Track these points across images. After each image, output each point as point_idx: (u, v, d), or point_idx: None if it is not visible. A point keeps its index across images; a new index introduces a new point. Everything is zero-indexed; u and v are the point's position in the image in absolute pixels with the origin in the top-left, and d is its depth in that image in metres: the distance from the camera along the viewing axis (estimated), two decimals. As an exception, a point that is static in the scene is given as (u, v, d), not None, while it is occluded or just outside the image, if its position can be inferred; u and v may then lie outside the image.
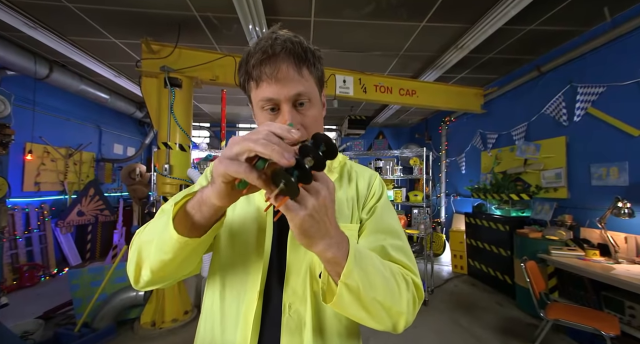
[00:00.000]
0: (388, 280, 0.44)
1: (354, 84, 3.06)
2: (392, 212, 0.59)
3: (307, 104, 0.49)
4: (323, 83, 0.54)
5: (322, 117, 0.54)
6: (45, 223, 3.52)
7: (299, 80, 0.47)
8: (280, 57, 0.46)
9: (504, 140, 3.45)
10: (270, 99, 0.47)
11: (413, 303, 0.47)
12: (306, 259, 0.51)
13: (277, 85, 0.46)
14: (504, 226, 2.93)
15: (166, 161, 2.34)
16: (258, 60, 0.46)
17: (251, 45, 0.49)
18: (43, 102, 3.41)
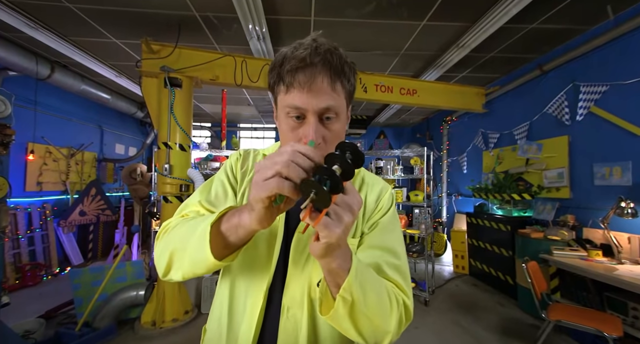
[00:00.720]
0: (381, 299, 0.44)
1: (354, 84, 3.05)
2: (396, 230, 0.58)
3: (334, 118, 0.49)
4: (352, 97, 0.54)
5: (344, 131, 0.53)
6: (48, 223, 3.54)
7: (330, 94, 0.47)
8: (318, 68, 0.46)
9: (505, 139, 3.43)
10: (297, 108, 0.46)
11: (399, 323, 0.47)
12: (307, 267, 0.52)
13: (308, 95, 0.46)
14: (506, 226, 2.91)
15: (166, 161, 2.34)
16: (294, 66, 0.45)
17: (287, 49, 0.48)
18: (45, 103, 3.43)
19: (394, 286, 0.50)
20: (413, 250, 3.03)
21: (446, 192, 4.66)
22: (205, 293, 2.54)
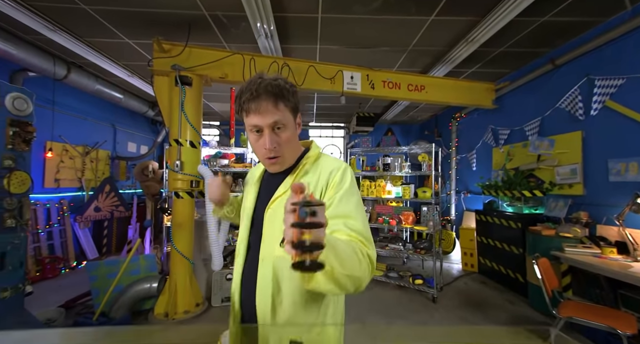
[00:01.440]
0: (352, 257, 0.55)
1: (361, 80, 3.05)
2: (351, 199, 0.69)
3: (282, 128, 0.70)
4: (297, 110, 0.74)
5: (295, 136, 0.75)
6: (65, 218, 3.68)
7: (275, 112, 0.68)
8: (262, 97, 0.66)
9: (516, 136, 3.37)
10: (256, 125, 0.69)
11: (369, 270, 0.58)
12: (274, 227, 0.71)
13: (260, 116, 0.67)
14: (516, 224, 2.87)
15: (177, 158, 2.40)
16: (247, 98, 0.67)
17: (243, 85, 0.70)
18: (62, 102, 3.55)
19: (356, 241, 0.61)
20: (421, 246, 3.02)
21: (455, 190, 4.61)
22: (215, 286, 2.60)
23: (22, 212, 1.71)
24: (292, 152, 0.75)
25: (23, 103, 1.66)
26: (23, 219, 1.70)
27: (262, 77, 0.68)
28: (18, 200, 1.68)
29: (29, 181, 1.74)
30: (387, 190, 3.21)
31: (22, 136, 1.68)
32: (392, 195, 3.19)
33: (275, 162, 0.73)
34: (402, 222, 3.03)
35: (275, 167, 0.75)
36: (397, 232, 3.78)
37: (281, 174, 0.77)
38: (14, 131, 1.63)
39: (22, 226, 1.69)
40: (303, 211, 0.38)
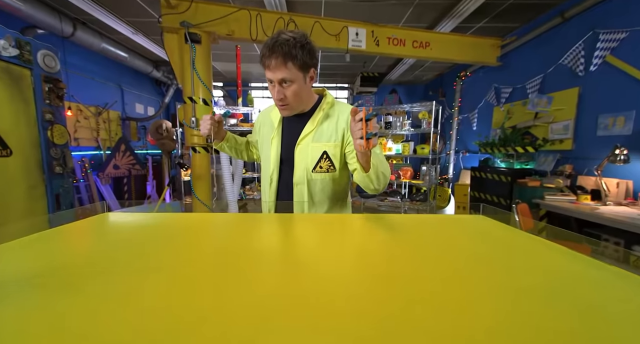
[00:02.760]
0: (383, 162, 0.84)
1: (366, 37, 3.03)
2: None
3: (289, 83, 0.84)
4: (309, 65, 0.85)
5: (303, 89, 0.88)
6: (88, 175, 3.97)
7: (283, 70, 0.81)
8: (274, 56, 0.79)
9: (517, 94, 3.43)
10: (269, 79, 0.85)
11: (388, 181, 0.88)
12: (306, 159, 0.92)
13: (271, 71, 0.82)
14: (507, 178, 3.10)
15: (192, 115, 2.56)
16: (263, 54, 0.82)
17: (267, 40, 0.82)
18: (71, 62, 3.59)
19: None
20: (417, 199, 3.31)
21: (454, 150, 4.78)
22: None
23: (66, 161, 1.95)
24: (300, 102, 0.90)
25: (52, 60, 1.78)
26: (68, 167, 1.95)
27: (279, 36, 0.80)
28: (61, 150, 1.90)
29: (67, 133, 1.95)
30: (388, 147, 3.39)
31: (56, 92, 1.84)
32: (392, 152, 3.39)
33: (285, 109, 0.90)
34: (400, 177, 3.28)
35: (285, 112, 0.92)
36: (396, 187, 4.07)
37: (302, 118, 0.95)
38: (49, 87, 1.78)
39: (68, 173, 1.95)
40: (367, 116, 0.64)
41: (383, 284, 0.35)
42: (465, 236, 0.56)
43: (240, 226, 0.67)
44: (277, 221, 0.75)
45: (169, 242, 0.52)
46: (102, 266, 0.40)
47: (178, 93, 5.59)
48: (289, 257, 0.45)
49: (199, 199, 2.71)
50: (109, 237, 0.56)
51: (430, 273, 0.39)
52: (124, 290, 0.33)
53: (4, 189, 1.55)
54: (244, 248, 0.48)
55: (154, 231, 0.59)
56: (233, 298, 0.32)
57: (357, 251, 0.47)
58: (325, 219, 0.73)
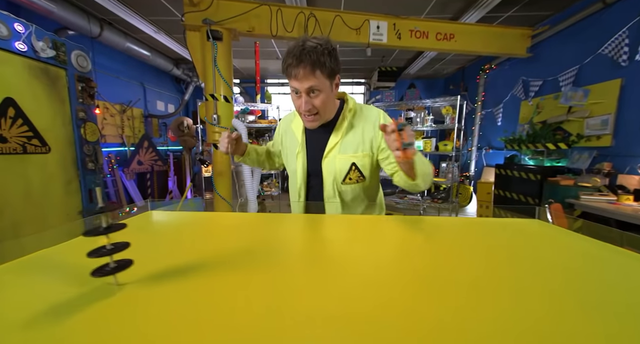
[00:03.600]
0: (424, 163, 0.80)
1: (388, 30, 2.95)
2: None
3: (317, 92, 0.79)
4: (335, 72, 0.81)
5: (330, 97, 0.83)
6: (114, 170, 4.14)
7: (311, 78, 0.76)
8: (302, 64, 0.74)
9: (548, 87, 3.23)
10: (295, 88, 0.80)
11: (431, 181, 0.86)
12: (334, 172, 0.89)
13: (298, 81, 0.77)
14: (535, 176, 2.95)
15: (214, 112, 2.59)
16: (288, 63, 0.76)
17: (289, 47, 0.77)
18: (98, 62, 3.72)
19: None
20: (438, 197, 3.22)
21: (476, 146, 4.61)
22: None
23: (97, 157, 2.03)
24: (327, 111, 0.85)
25: (84, 60, 1.84)
26: (99, 163, 2.02)
27: (305, 43, 0.75)
28: (93, 147, 1.97)
29: (98, 131, 2.02)
30: (409, 144, 3.31)
31: (88, 91, 1.90)
32: (413, 149, 3.30)
33: (313, 120, 0.85)
34: (421, 174, 3.19)
35: (313, 123, 0.86)
36: (416, 185, 3.98)
37: (326, 129, 0.90)
38: (82, 86, 1.84)
39: (99, 169, 2.02)
40: (399, 126, 0.61)
41: (453, 295, 0.32)
42: (527, 242, 0.51)
43: (289, 226, 0.66)
44: (330, 222, 0.72)
45: (243, 241, 0.52)
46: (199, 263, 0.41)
47: (197, 90, 5.70)
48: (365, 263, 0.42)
49: (220, 195, 2.75)
50: (179, 235, 0.57)
51: (510, 286, 0.35)
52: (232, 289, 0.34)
53: (45, 184, 1.63)
54: (312, 251, 0.46)
55: (214, 230, 0.59)
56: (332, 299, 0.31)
57: (419, 257, 0.44)
58: (374, 221, 0.70)
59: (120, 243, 0.34)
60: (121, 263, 0.34)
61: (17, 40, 1.50)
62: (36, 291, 0.33)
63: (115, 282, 0.33)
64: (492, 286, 0.34)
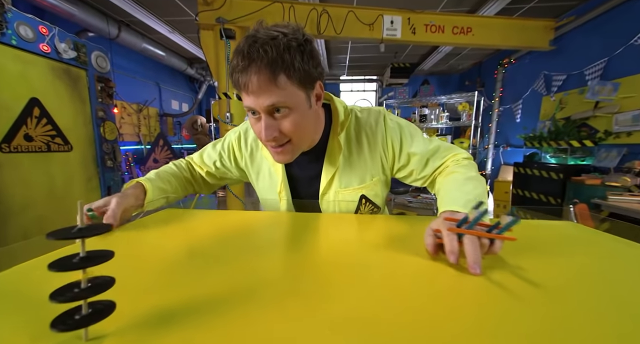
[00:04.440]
0: (468, 182, 0.52)
1: (402, 25, 2.88)
2: (418, 139, 0.64)
3: (285, 110, 0.49)
4: (313, 78, 0.51)
5: (308, 116, 0.54)
6: (132, 168, 4.26)
7: (272, 90, 0.47)
8: (252, 68, 0.45)
9: (573, 81, 3.07)
10: (249, 107, 0.50)
11: (470, 163, 0.61)
12: (339, 210, 0.68)
13: (252, 96, 0.48)
14: (558, 174, 2.82)
15: (227, 110, 2.61)
16: (234, 69, 0.47)
17: (236, 46, 0.49)
18: (115, 62, 3.83)
19: (451, 160, 0.62)
20: (453, 196, 3.13)
21: (493, 144, 4.46)
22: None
23: (115, 155, 2.08)
24: (306, 135, 0.57)
25: (103, 61, 1.89)
26: (117, 161, 2.08)
27: (257, 34, 0.46)
28: (111, 145, 2.03)
29: (116, 129, 2.07)
30: (423, 142, 3.23)
31: (106, 91, 1.96)
32: (427, 146, 3.23)
33: (283, 152, 0.55)
34: (436, 173, 3.11)
35: (283, 157, 0.56)
36: (430, 184, 3.89)
37: (311, 157, 0.64)
38: (101, 86, 1.90)
39: (117, 167, 2.08)
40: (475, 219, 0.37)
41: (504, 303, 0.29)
42: (570, 247, 0.47)
43: (305, 225, 0.58)
44: (353, 222, 0.60)
45: (260, 245, 0.47)
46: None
47: (210, 89, 5.78)
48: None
49: (232, 193, 2.78)
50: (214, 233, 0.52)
51: (576, 297, 0.30)
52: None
53: (67, 181, 1.69)
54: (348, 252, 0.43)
55: (229, 229, 0.53)
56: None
57: (443, 262, 0.41)
58: (399, 220, 0.59)
59: (101, 279, 0.23)
60: (98, 307, 0.23)
61: (41, 42, 1.55)
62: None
63: (85, 337, 0.22)
64: (548, 295, 0.30)
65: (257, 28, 0.48)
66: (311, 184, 0.67)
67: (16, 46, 1.43)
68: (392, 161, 0.66)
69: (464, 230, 0.37)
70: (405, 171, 0.66)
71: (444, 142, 0.66)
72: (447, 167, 0.62)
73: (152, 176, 0.67)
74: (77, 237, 0.21)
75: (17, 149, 1.45)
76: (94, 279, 0.23)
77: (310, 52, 0.49)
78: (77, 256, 0.22)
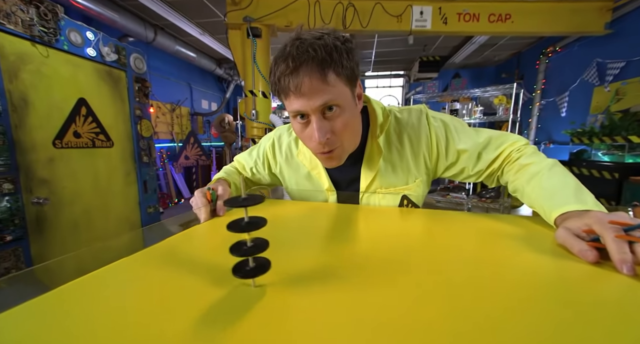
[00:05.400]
0: (558, 173, 0.49)
1: (432, 15, 2.73)
2: (465, 133, 0.62)
3: (337, 109, 0.50)
4: (356, 76, 0.52)
5: (355, 116, 0.55)
6: (165, 164, 4.53)
7: (324, 89, 0.47)
8: (303, 69, 0.46)
9: (632, 69, 2.72)
10: (298, 111, 0.50)
11: (529, 148, 0.58)
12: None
13: (303, 98, 0.47)
14: (612, 174, 2.52)
15: (253, 107, 2.66)
16: (282, 73, 0.47)
17: (278, 52, 0.49)
18: (151, 64, 4.08)
19: (510, 150, 0.58)
20: (487, 196, 2.94)
21: (534, 140, 4.10)
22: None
23: (151, 152, 2.21)
24: (353, 137, 0.57)
25: (140, 62, 2.01)
26: (152, 157, 2.21)
27: (301, 38, 0.47)
28: (147, 142, 2.16)
29: (151, 127, 2.20)
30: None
31: (143, 91, 2.08)
32: (458, 143, 3.05)
33: (332, 157, 0.55)
34: (468, 171, 2.93)
35: (333, 162, 0.57)
36: (460, 183, 3.68)
37: (348, 160, 0.61)
38: (138, 86, 2.02)
39: (152, 162, 2.21)
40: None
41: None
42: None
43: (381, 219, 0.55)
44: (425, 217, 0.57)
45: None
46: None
47: (237, 88, 5.96)
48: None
49: (258, 188, 2.84)
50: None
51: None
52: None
53: (109, 174, 1.83)
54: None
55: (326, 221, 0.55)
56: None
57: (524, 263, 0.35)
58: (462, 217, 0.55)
59: (260, 240, 0.29)
60: (259, 262, 0.29)
61: (88, 46, 1.68)
62: (165, 280, 0.31)
63: (253, 284, 0.29)
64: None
65: (298, 32, 0.49)
66: (349, 184, 0.67)
67: (67, 51, 1.56)
68: (436, 161, 0.63)
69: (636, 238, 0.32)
70: (455, 169, 0.63)
71: (494, 130, 0.62)
72: (512, 159, 0.57)
73: (224, 175, 0.76)
74: (243, 205, 0.26)
75: (67, 145, 1.59)
76: (255, 239, 0.29)
77: (352, 50, 0.50)
78: (244, 221, 0.27)
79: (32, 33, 1.36)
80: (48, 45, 1.46)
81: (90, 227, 1.71)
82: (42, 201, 1.42)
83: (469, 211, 3.68)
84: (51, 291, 0.29)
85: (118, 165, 1.91)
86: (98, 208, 1.77)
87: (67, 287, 0.30)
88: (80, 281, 0.31)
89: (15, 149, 1.33)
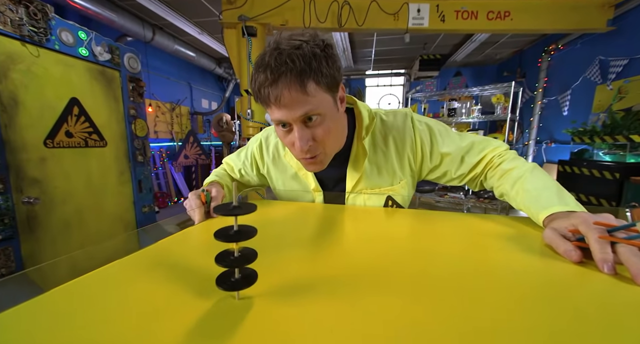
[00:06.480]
0: (540, 177, 0.51)
1: (429, 13, 2.69)
2: (449, 137, 0.63)
3: (317, 118, 0.50)
4: (337, 82, 0.52)
5: (337, 121, 0.55)
6: (165, 163, 4.56)
7: (304, 100, 0.47)
8: (282, 81, 0.46)
9: (635, 67, 2.66)
10: (280, 120, 0.51)
11: (510, 153, 0.60)
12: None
13: (283, 109, 0.48)
14: (613, 174, 2.47)
15: (248, 107, 2.66)
16: (262, 84, 0.47)
17: (257, 59, 0.49)
18: (150, 64, 4.09)
19: (492, 155, 0.60)
20: (485, 196, 2.90)
21: (535, 139, 4.05)
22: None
23: (145, 151, 2.22)
24: (336, 142, 0.58)
25: (135, 62, 2.01)
26: (147, 156, 2.21)
27: (279, 46, 0.46)
28: (142, 141, 2.16)
29: (146, 126, 2.20)
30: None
31: (137, 90, 2.08)
32: (457, 143, 3.02)
33: (315, 162, 0.56)
34: (466, 171, 2.90)
35: (315, 167, 0.58)
36: (459, 183, 3.65)
37: (333, 162, 0.61)
38: (132, 86, 2.02)
39: (147, 162, 2.21)
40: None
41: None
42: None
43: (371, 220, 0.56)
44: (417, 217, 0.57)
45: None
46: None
47: (237, 88, 5.97)
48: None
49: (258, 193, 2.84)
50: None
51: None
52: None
53: (103, 174, 1.84)
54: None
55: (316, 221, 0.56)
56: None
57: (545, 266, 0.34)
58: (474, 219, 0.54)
59: (248, 250, 0.27)
60: (245, 273, 0.27)
61: (80, 46, 1.68)
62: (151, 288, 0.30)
63: (237, 297, 0.27)
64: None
65: (277, 40, 0.48)
66: (337, 187, 0.69)
67: (59, 50, 1.57)
68: (421, 163, 0.65)
69: (622, 240, 0.32)
70: (438, 171, 0.65)
71: (477, 135, 0.64)
72: (494, 164, 0.59)
73: (216, 178, 0.75)
74: (233, 214, 0.25)
75: (59, 145, 1.60)
76: (243, 249, 0.27)
77: (333, 56, 0.50)
78: (232, 229, 0.26)
79: (22, 33, 1.37)
80: (39, 45, 1.46)
81: (83, 227, 1.72)
82: (32, 201, 1.43)
83: (468, 211, 3.65)
84: (44, 294, 0.29)
85: (112, 165, 1.92)
86: (91, 208, 1.77)
87: (60, 289, 0.30)
88: (72, 284, 0.31)
89: (4, 148, 1.33)
